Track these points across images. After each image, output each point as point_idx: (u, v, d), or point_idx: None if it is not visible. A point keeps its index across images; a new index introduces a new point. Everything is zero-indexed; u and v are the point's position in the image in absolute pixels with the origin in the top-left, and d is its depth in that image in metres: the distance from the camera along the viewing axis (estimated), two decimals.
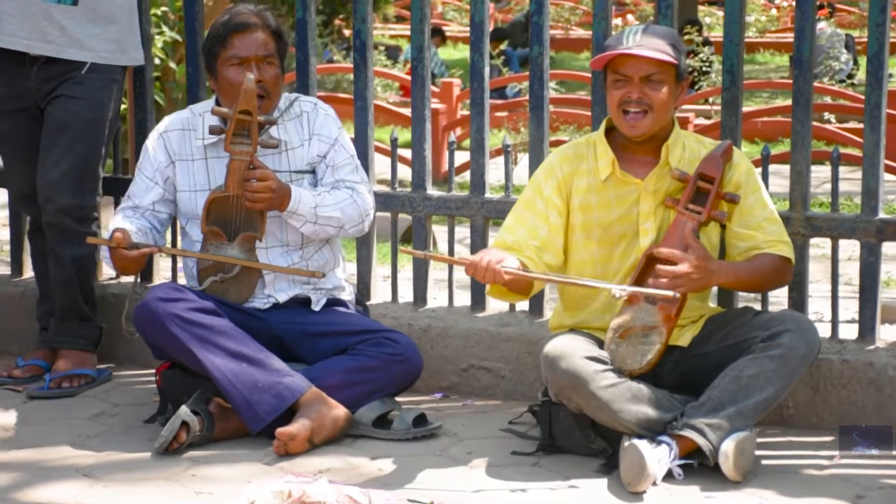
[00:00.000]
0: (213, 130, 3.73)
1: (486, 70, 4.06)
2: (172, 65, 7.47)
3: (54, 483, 3.32)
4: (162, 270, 4.60)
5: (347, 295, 3.92)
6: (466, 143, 5.03)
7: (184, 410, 3.51)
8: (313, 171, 3.82)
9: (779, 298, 4.04)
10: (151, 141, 3.86)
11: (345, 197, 3.76)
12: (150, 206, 3.82)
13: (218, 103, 3.79)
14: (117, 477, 3.36)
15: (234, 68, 3.73)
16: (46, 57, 4.06)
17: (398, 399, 3.75)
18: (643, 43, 3.40)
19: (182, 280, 3.97)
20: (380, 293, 4.35)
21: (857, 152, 7.74)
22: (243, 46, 3.72)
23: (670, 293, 3.30)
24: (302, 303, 3.82)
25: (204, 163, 3.80)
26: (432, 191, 4.20)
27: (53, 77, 4.07)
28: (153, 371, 3.84)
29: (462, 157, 6.38)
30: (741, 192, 3.48)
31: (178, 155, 3.81)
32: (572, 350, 3.38)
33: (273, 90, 3.75)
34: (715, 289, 3.72)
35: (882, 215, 3.68)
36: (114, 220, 3.80)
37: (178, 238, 4.18)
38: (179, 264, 4.29)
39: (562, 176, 3.55)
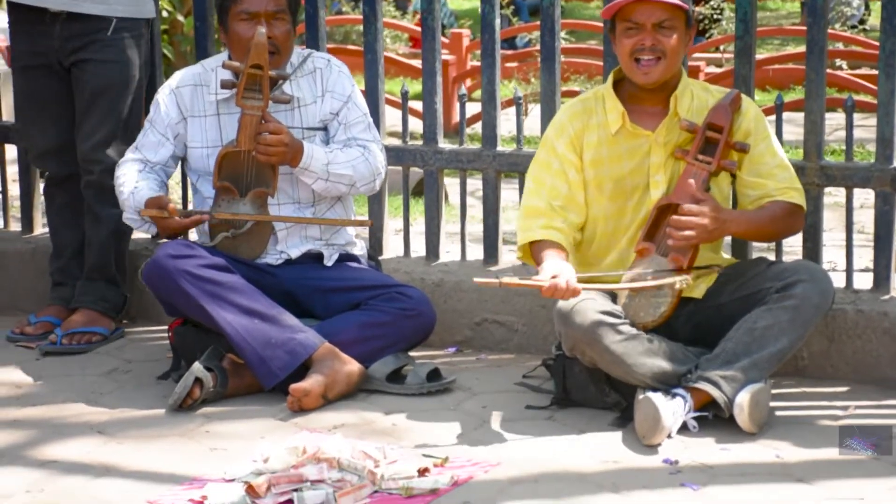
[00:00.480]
0: (224, 85, 3.70)
1: (497, 21, 4.02)
2: (181, 17, 7.42)
3: (68, 440, 3.33)
4: None
5: (359, 250, 3.91)
6: (477, 94, 4.99)
7: (197, 367, 3.51)
8: (325, 129, 3.80)
9: (793, 248, 4.02)
10: (163, 96, 3.83)
11: (357, 155, 3.74)
12: (160, 161, 3.81)
13: (230, 58, 3.76)
14: (131, 434, 3.37)
15: (245, 23, 3.69)
16: (68, 13, 4.03)
17: (412, 354, 3.75)
18: None
19: (193, 236, 3.95)
20: (392, 247, 4.34)
21: (869, 99, 7.68)
22: (254, 1, 3.68)
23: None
24: (314, 258, 3.81)
25: (216, 119, 3.77)
26: (444, 144, 4.18)
27: (77, 35, 4.06)
28: (166, 327, 3.84)
29: (473, 108, 6.34)
30: (751, 139, 3.46)
31: (191, 111, 3.79)
32: (586, 305, 3.36)
33: (284, 46, 3.72)
34: (728, 239, 3.70)
35: None
36: (127, 174, 3.77)
37: (190, 194, 4.17)
38: None
39: (573, 132, 3.53)
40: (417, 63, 8.80)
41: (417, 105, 4.57)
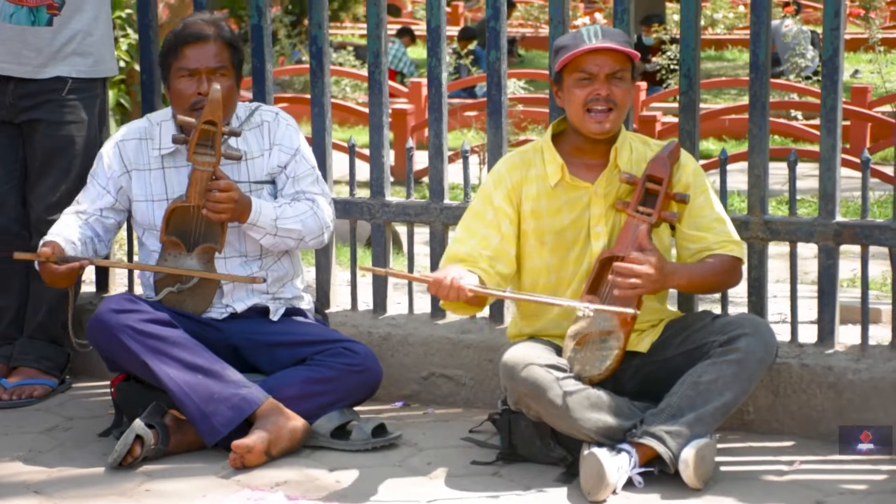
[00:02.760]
0: (176, 140, 3.68)
1: (444, 76, 4.04)
2: (137, 67, 7.40)
3: (4, 500, 3.27)
4: (118, 279, 4.55)
5: (306, 304, 3.89)
6: None
7: (138, 424, 3.46)
8: (273, 182, 3.78)
9: (742, 300, 4.02)
10: (107, 149, 3.81)
11: (305, 209, 3.72)
12: (96, 212, 3.76)
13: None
14: (70, 493, 3.31)
15: (185, 79, 3.68)
16: None
17: (358, 408, 3.72)
18: (607, 41, 3.39)
19: (139, 290, 3.92)
20: (339, 299, 4.32)
21: None
22: (194, 58, 3.67)
23: (630, 310, 3.30)
24: (260, 312, 3.78)
25: (161, 172, 3.75)
26: (391, 197, 4.17)
27: (31, 94, 4.04)
28: (108, 383, 3.79)
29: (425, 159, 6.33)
30: (690, 191, 3.47)
31: (135, 164, 3.76)
32: (531, 358, 3.35)
33: (227, 102, 3.71)
34: (674, 292, 3.70)
35: (839, 218, 3.67)
36: (54, 227, 3.73)
37: (136, 249, 4.13)
38: (136, 274, 4.24)
39: (511, 184, 3.53)
40: None
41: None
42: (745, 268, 3.61)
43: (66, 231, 3.68)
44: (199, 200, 3.62)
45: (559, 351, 3.44)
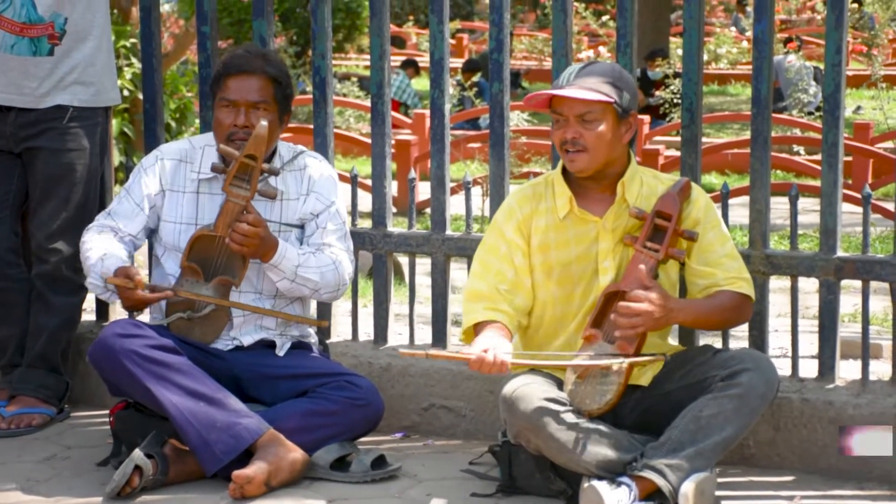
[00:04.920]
0: (215, 168, 3.68)
1: (447, 107, 4.05)
2: (141, 96, 7.43)
3: None
4: (118, 307, 4.52)
5: (312, 338, 3.89)
6: None
7: (137, 454, 3.45)
8: (302, 227, 3.78)
9: (743, 334, 4.02)
10: (148, 163, 3.79)
11: (328, 262, 3.72)
12: (131, 232, 3.75)
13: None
14: None
15: (224, 109, 3.68)
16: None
17: (358, 440, 3.70)
18: (577, 83, 3.39)
19: (140, 317, 3.91)
20: (340, 329, 4.31)
21: None
22: (235, 90, 3.67)
23: (662, 355, 3.38)
24: (266, 345, 3.77)
25: (195, 196, 3.75)
26: (393, 228, 4.18)
27: (32, 123, 4.05)
28: (107, 412, 3.78)
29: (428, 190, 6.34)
30: (700, 228, 3.47)
31: (171, 185, 3.76)
32: (531, 391, 3.35)
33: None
34: (676, 326, 3.69)
35: (840, 253, 3.67)
36: (96, 240, 3.70)
37: (151, 267, 4.10)
38: None
39: (522, 217, 3.53)
40: None
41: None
42: None
43: (112, 250, 3.67)
44: (226, 232, 3.61)
45: (560, 384, 3.44)
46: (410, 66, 16.73)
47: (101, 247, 3.68)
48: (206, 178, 3.73)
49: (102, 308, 4.50)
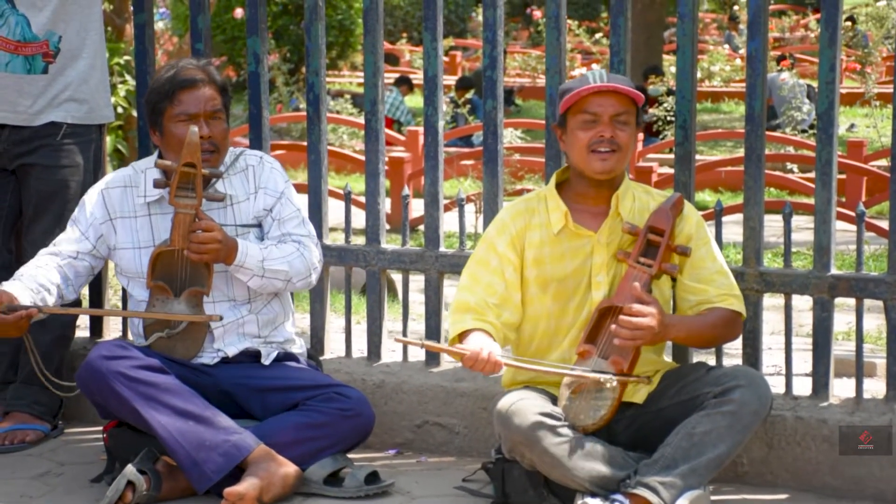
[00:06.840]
0: (157, 184, 3.69)
1: (440, 124, 4.05)
2: (135, 113, 7.46)
3: None
4: (113, 323, 4.54)
5: (298, 348, 3.88)
6: None
7: (129, 470, 3.44)
8: (259, 225, 3.79)
9: (737, 351, 4.02)
10: (91, 196, 3.81)
11: (292, 250, 3.73)
12: (71, 254, 3.74)
13: (161, 157, 3.75)
14: None
15: (183, 124, 3.69)
16: None
17: (351, 455, 3.70)
18: (610, 83, 3.41)
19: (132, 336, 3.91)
20: (334, 346, 4.31)
21: None
22: (191, 103, 3.69)
23: (646, 378, 3.39)
24: (252, 357, 3.77)
25: (147, 219, 3.76)
26: (386, 245, 4.18)
27: (25, 140, 4.05)
28: (101, 429, 3.77)
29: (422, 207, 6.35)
30: (692, 244, 3.48)
31: (119, 212, 3.76)
32: (525, 406, 3.35)
33: (222, 144, 3.73)
34: (669, 343, 3.70)
35: (834, 271, 3.68)
36: (23, 268, 3.70)
37: (127, 299, 4.09)
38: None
39: (515, 231, 3.54)
40: None
41: None
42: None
43: (34, 273, 3.66)
44: (184, 243, 3.61)
45: (554, 399, 3.44)
46: (404, 84, 16.76)
47: (20, 272, 3.66)
48: (155, 200, 3.74)
49: (96, 325, 4.50)
